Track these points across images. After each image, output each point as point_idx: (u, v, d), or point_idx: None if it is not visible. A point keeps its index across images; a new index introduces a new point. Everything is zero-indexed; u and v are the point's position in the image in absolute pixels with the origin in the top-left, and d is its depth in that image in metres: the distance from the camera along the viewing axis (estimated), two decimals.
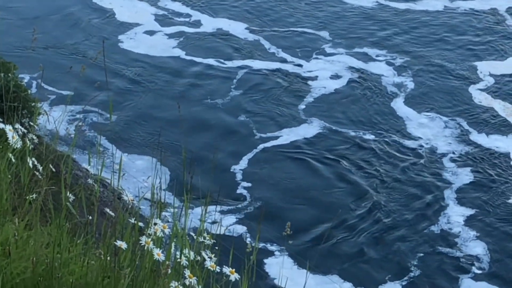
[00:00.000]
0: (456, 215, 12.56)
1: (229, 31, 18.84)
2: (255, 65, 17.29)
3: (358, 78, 16.82)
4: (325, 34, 18.81)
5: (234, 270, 4.67)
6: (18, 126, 5.54)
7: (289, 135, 14.69)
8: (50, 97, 15.08)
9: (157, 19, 19.46)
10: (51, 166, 5.45)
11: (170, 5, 20.04)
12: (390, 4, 20.31)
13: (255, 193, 12.93)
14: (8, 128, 5.12)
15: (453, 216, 12.53)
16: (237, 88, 16.28)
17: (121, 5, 19.84)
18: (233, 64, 17.33)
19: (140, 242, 4.58)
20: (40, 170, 5.25)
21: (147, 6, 19.98)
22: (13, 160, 5.23)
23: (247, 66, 17.24)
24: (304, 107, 15.64)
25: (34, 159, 5.24)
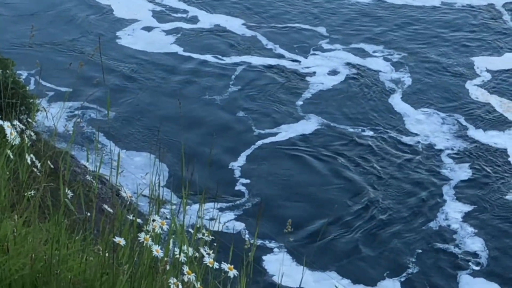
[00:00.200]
0: (454, 212, 12.58)
1: (226, 27, 18.82)
2: (253, 61, 17.27)
3: (356, 74, 16.82)
4: (322, 30, 18.80)
5: (233, 267, 4.67)
6: (16, 123, 5.53)
7: (287, 132, 14.69)
8: (48, 94, 15.07)
9: (155, 15, 19.44)
10: (50, 163, 5.44)
11: (167, 1, 20.03)
12: (387, 0, 20.31)
13: (253, 190, 12.93)
14: (6, 125, 5.11)
15: (451, 213, 12.55)
16: (235, 85, 16.27)
17: (118, 1, 19.83)
18: (231, 60, 17.31)
19: (139, 239, 4.58)
20: (39, 167, 5.24)
21: (145, 2, 19.97)
22: (12, 157, 5.22)
23: (245, 62, 17.23)
24: (302, 104, 15.64)
25: (33, 156, 5.24)
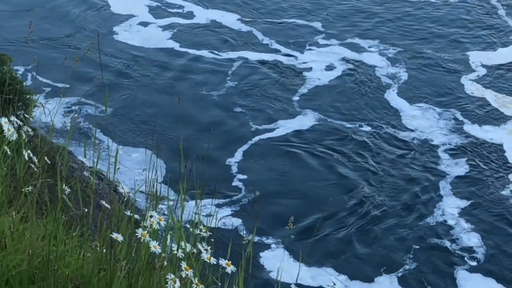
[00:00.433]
0: (450, 207, 12.59)
1: (222, 23, 18.83)
2: (249, 57, 17.27)
3: (351, 70, 16.83)
4: (318, 25, 18.81)
5: (230, 262, 4.66)
6: (14, 119, 5.53)
7: (284, 127, 14.69)
8: (45, 90, 15.05)
9: (151, 11, 19.43)
10: (47, 159, 5.43)
11: None
12: None
13: (250, 186, 12.93)
14: (4, 121, 5.10)
15: (447, 208, 12.56)
16: (232, 80, 16.27)
17: None
18: (227, 56, 17.31)
19: (136, 235, 4.57)
20: (36, 163, 5.23)
21: None
22: (9, 153, 5.21)
23: (241, 58, 17.22)
24: (298, 99, 15.64)
25: (30, 152, 5.23)
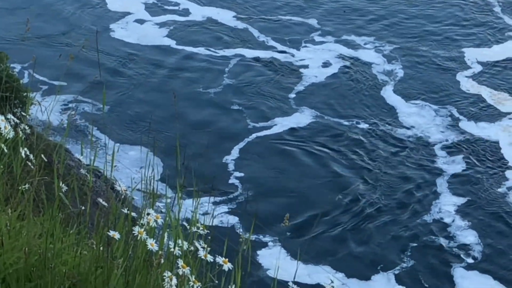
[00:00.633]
0: (447, 205, 12.60)
1: (218, 20, 18.85)
2: (245, 54, 17.27)
3: (348, 67, 16.84)
4: (313, 22, 18.82)
5: (228, 260, 4.66)
6: (10, 116, 5.52)
7: (281, 125, 14.69)
8: (42, 87, 15.03)
9: (147, 8, 19.43)
10: (43, 157, 5.43)
11: None
12: None
13: (247, 184, 12.93)
14: (0, 118, 5.10)
15: (444, 206, 12.57)
16: (228, 78, 16.27)
17: None
18: (224, 53, 17.32)
19: (133, 232, 4.57)
20: (33, 161, 5.23)
21: None
22: (5, 151, 5.21)
23: (237, 55, 17.23)
24: (295, 97, 15.64)
25: (27, 149, 5.22)
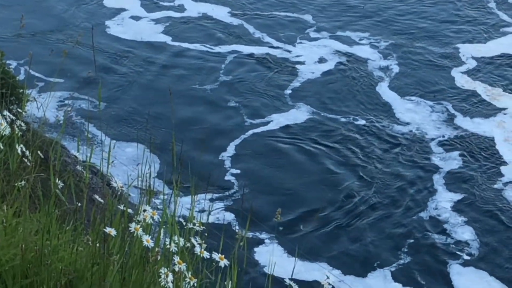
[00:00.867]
0: (444, 201, 12.61)
1: (213, 16, 18.87)
2: (241, 50, 17.28)
3: (343, 63, 16.85)
4: (308, 18, 18.84)
5: (224, 256, 4.66)
6: (6, 113, 5.52)
7: (277, 121, 14.69)
8: (39, 84, 15.02)
9: (143, 5, 19.43)
10: (40, 153, 5.43)
11: None
12: None
13: (243, 180, 12.92)
14: None
15: (440, 202, 12.58)
16: (224, 74, 16.26)
17: None
18: (220, 50, 17.32)
19: (130, 229, 4.56)
20: (29, 157, 5.23)
21: None
22: (1, 147, 5.21)
23: (233, 52, 17.23)
24: (292, 93, 15.64)
25: (23, 146, 5.22)
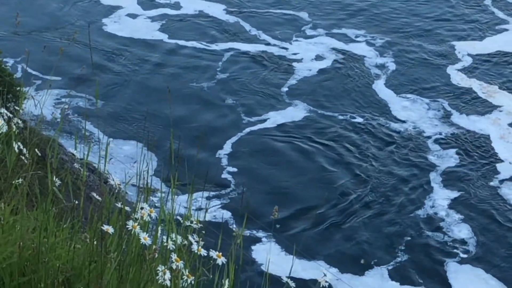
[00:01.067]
0: (441, 199, 12.61)
1: (209, 13, 18.89)
2: (238, 48, 17.29)
3: (340, 60, 16.86)
4: (304, 15, 18.86)
5: (221, 254, 4.66)
6: (3, 111, 5.51)
7: (275, 119, 14.69)
8: (36, 82, 15.01)
9: (139, 2, 19.43)
10: (37, 151, 5.42)
11: None
12: None
13: (242, 178, 12.92)
14: None
15: (438, 200, 12.58)
16: (221, 72, 16.26)
17: None
18: (217, 47, 17.33)
19: (127, 227, 4.56)
20: (26, 155, 5.22)
21: None
22: None
23: (230, 49, 17.24)
24: (288, 90, 15.65)
25: (20, 144, 5.22)
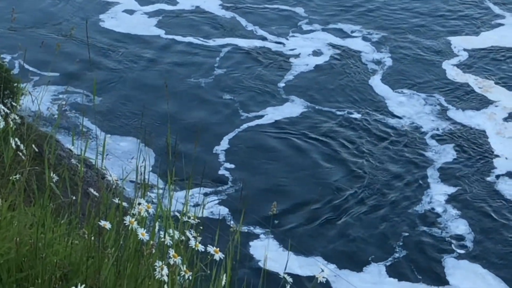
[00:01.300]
0: (438, 194, 12.63)
1: (205, 9, 18.90)
2: (235, 43, 17.29)
3: (336, 56, 16.87)
4: (300, 11, 18.86)
5: (219, 249, 4.66)
6: (1, 107, 5.50)
7: (273, 114, 14.69)
8: (33, 78, 14.99)
9: None
10: (34, 147, 5.42)
11: None
12: None
13: (238, 174, 12.92)
14: None
15: (436, 195, 12.60)
16: (218, 68, 16.26)
17: None
18: (213, 43, 17.33)
19: (124, 222, 4.56)
20: (23, 151, 5.21)
21: None
22: None
23: (228, 44, 17.24)
24: (286, 86, 15.65)
25: (17, 140, 5.21)
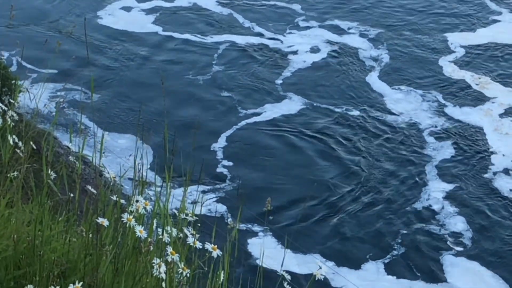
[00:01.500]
0: (436, 191, 12.64)
1: (202, 6, 18.94)
2: (232, 40, 17.30)
3: (333, 53, 16.88)
4: (297, 8, 18.87)
5: (216, 247, 4.66)
6: None
7: (270, 111, 14.70)
8: (32, 75, 14.99)
9: None
10: (32, 144, 5.41)
11: None
12: None
13: (236, 172, 12.92)
14: None
15: (433, 193, 12.61)
16: (217, 64, 16.26)
17: None
18: (211, 40, 17.34)
19: (122, 219, 4.56)
20: (21, 148, 5.21)
21: None
22: None
23: (225, 41, 17.25)
24: (284, 83, 15.66)
25: (15, 137, 5.21)
